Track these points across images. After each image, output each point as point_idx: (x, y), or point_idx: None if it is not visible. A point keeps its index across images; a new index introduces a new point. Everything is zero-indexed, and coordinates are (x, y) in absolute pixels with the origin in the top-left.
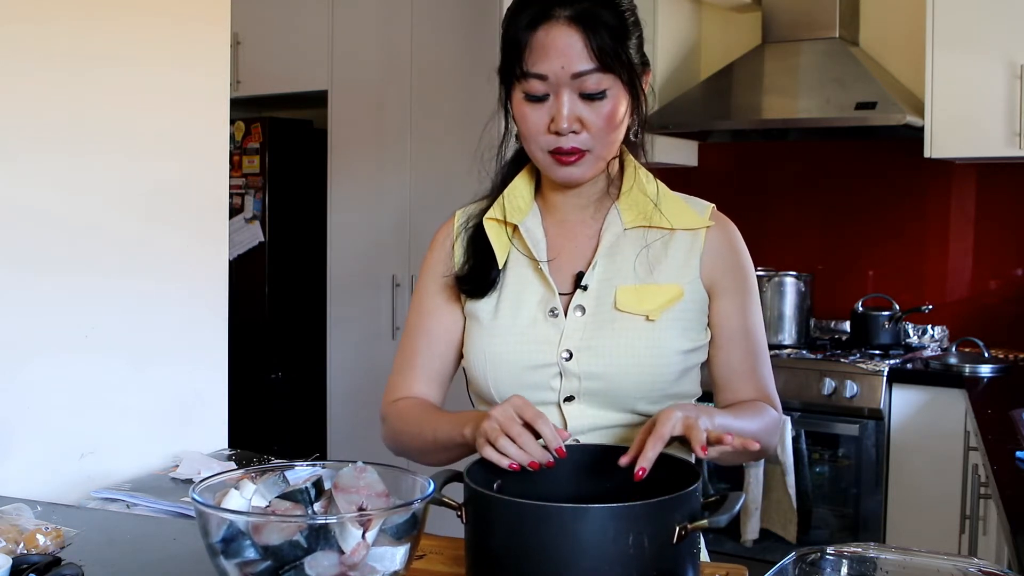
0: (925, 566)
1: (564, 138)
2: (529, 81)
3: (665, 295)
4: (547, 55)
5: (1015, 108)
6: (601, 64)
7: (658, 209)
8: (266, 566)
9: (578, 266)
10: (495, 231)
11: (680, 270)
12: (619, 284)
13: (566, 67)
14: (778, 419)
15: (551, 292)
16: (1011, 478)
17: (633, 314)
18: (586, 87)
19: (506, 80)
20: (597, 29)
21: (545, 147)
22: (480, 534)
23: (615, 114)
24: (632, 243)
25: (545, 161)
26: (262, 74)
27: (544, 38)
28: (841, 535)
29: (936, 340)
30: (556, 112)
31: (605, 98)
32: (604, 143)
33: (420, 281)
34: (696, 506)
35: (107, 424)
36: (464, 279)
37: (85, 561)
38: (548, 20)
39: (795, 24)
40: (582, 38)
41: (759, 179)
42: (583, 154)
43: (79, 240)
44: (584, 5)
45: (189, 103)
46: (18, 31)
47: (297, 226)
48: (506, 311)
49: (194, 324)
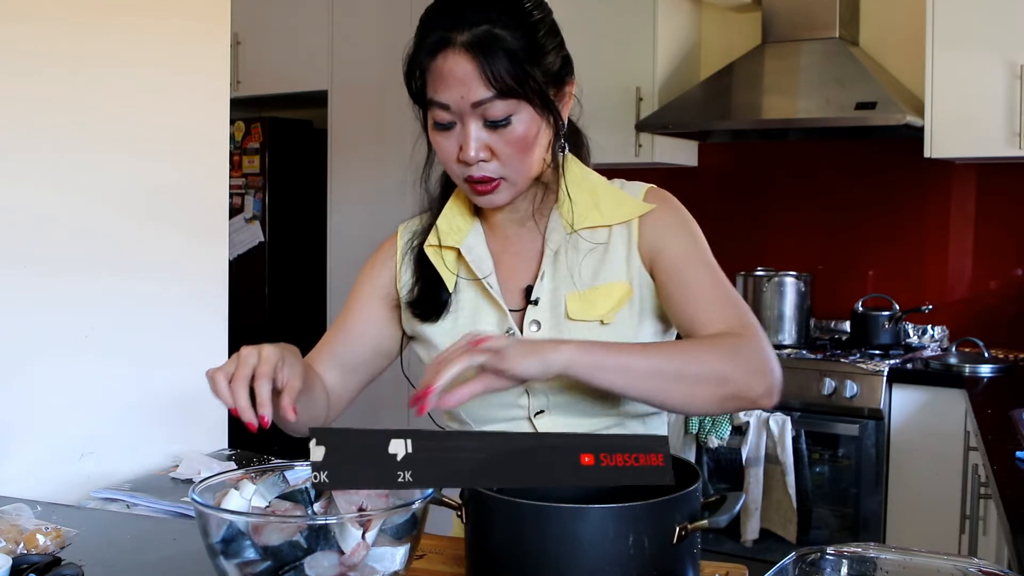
0: (925, 566)
1: (474, 167)
2: (434, 109)
3: (614, 295)
4: (446, 84)
5: (1015, 108)
6: (500, 92)
7: (597, 207)
8: (266, 566)
9: (526, 280)
10: (437, 257)
11: (623, 266)
12: (567, 292)
13: (465, 96)
14: (751, 346)
15: (503, 312)
16: (1011, 478)
17: (586, 321)
18: (489, 115)
19: (418, 103)
20: (495, 55)
21: (459, 175)
22: (480, 534)
23: (525, 139)
24: (575, 247)
25: (464, 188)
26: (262, 74)
27: (443, 66)
28: (841, 535)
29: (936, 340)
30: (463, 141)
31: (511, 124)
32: (518, 169)
33: (356, 289)
34: (696, 506)
35: (107, 424)
36: (415, 303)
37: (85, 561)
38: (446, 47)
39: (795, 24)
40: (478, 67)
41: (759, 179)
42: (497, 182)
43: (79, 240)
44: (482, 29)
45: (189, 103)
46: (18, 31)
47: (297, 226)
48: (462, 332)
49: (194, 324)
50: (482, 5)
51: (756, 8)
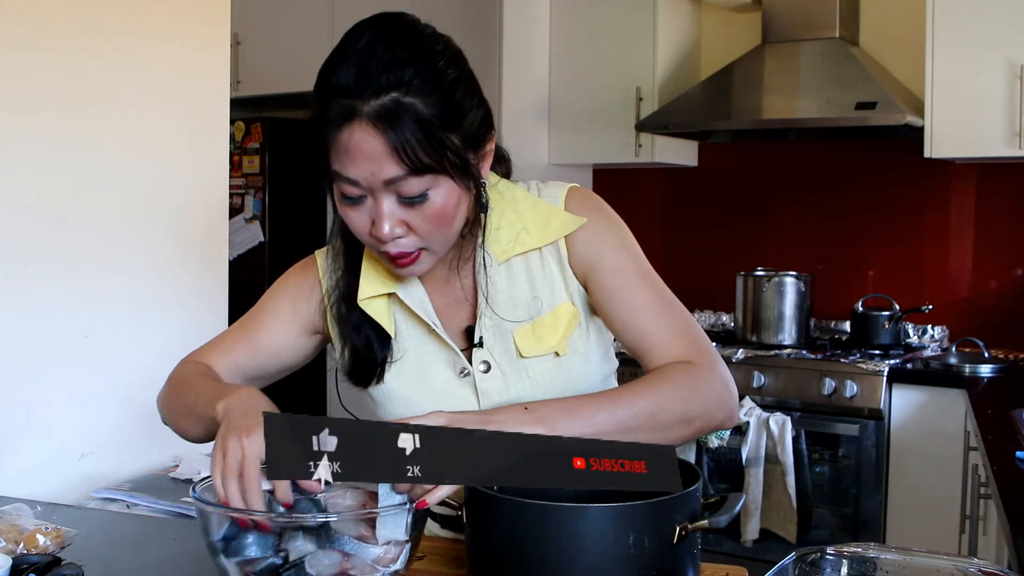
0: (925, 566)
1: (390, 244)
2: (342, 184)
3: (562, 321)
4: (354, 160)
5: (1015, 108)
6: (414, 169)
7: (526, 229)
8: (267, 564)
9: (465, 320)
10: (374, 308)
11: (562, 286)
12: (513, 328)
13: (376, 173)
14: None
15: (454, 353)
16: (1011, 478)
17: (540, 356)
18: (404, 192)
19: (323, 177)
20: (404, 128)
21: (375, 248)
22: (480, 534)
23: (444, 212)
24: (509, 278)
25: (383, 259)
26: (262, 74)
27: (348, 140)
28: (841, 535)
29: (936, 340)
30: (376, 217)
31: (428, 199)
32: (438, 240)
33: (272, 304)
34: (696, 506)
35: (107, 424)
36: (352, 373)
37: (85, 561)
38: (351, 119)
39: (795, 24)
40: (385, 142)
41: (759, 179)
42: (417, 253)
43: (79, 240)
44: (389, 98)
45: (189, 103)
46: (18, 31)
47: (297, 226)
48: (412, 379)
49: (194, 324)
50: (392, 64)
51: (756, 8)
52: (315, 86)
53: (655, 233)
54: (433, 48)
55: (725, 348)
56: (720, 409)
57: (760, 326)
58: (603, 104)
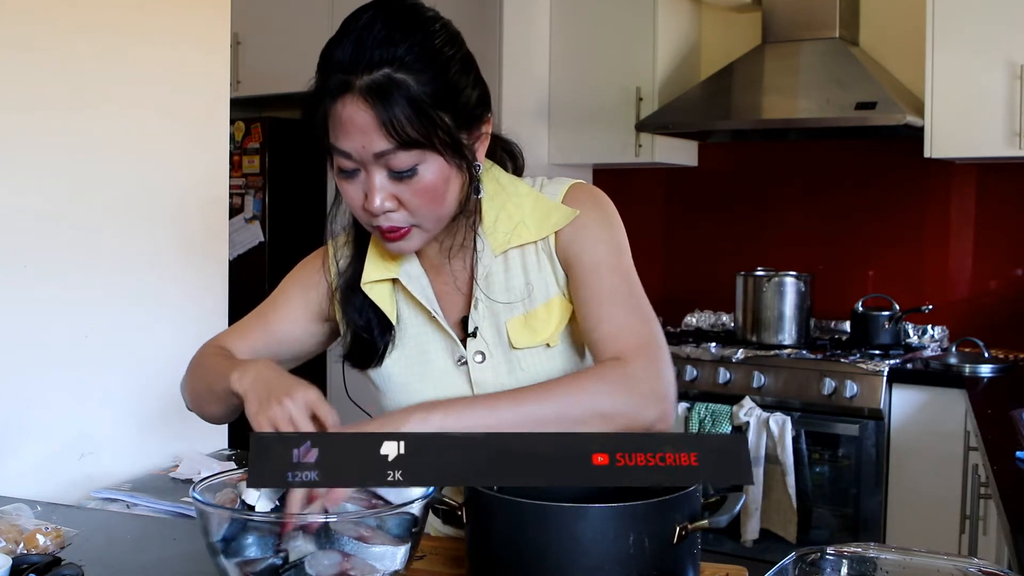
0: (925, 566)
1: (381, 217)
2: (337, 156)
3: (555, 313)
4: (347, 132)
5: (1015, 108)
6: (402, 143)
7: (524, 222)
8: (267, 565)
9: (461, 309)
10: (377, 292)
11: (552, 278)
12: (507, 318)
13: (366, 147)
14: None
15: (453, 341)
16: (1011, 478)
17: (532, 348)
18: (393, 166)
19: (321, 149)
20: (394, 103)
21: (366, 222)
22: (480, 534)
23: (433, 189)
24: (505, 270)
25: (374, 233)
26: (262, 74)
27: (342, 112)
28: (841, 535)
29: (936, 340)
30: (368, 190)
31: (417, 174)
32: (428, 218)
33: (286, 293)
34: (696, 506)
35: (107, 424)
36: (351, 355)
37: (85, 561)
38: (345, 92)
39: (795, 24)
40: (375, 116)
41: (759, 179)
42: (407, 228)
43: (79, 240)
44: (381, 73)
45: (189, 103)
46: (18, 32)
47: (297, 226)
48: (411, 366)
49: (194, 324)
50: (387, 41)
51: (756, 8)
52: (317, 62)
53: (655, 233)
54: (430, 28)
55: (725, 348)
56: (650, 408)
57: (760, 326)
58: (603, 104)
